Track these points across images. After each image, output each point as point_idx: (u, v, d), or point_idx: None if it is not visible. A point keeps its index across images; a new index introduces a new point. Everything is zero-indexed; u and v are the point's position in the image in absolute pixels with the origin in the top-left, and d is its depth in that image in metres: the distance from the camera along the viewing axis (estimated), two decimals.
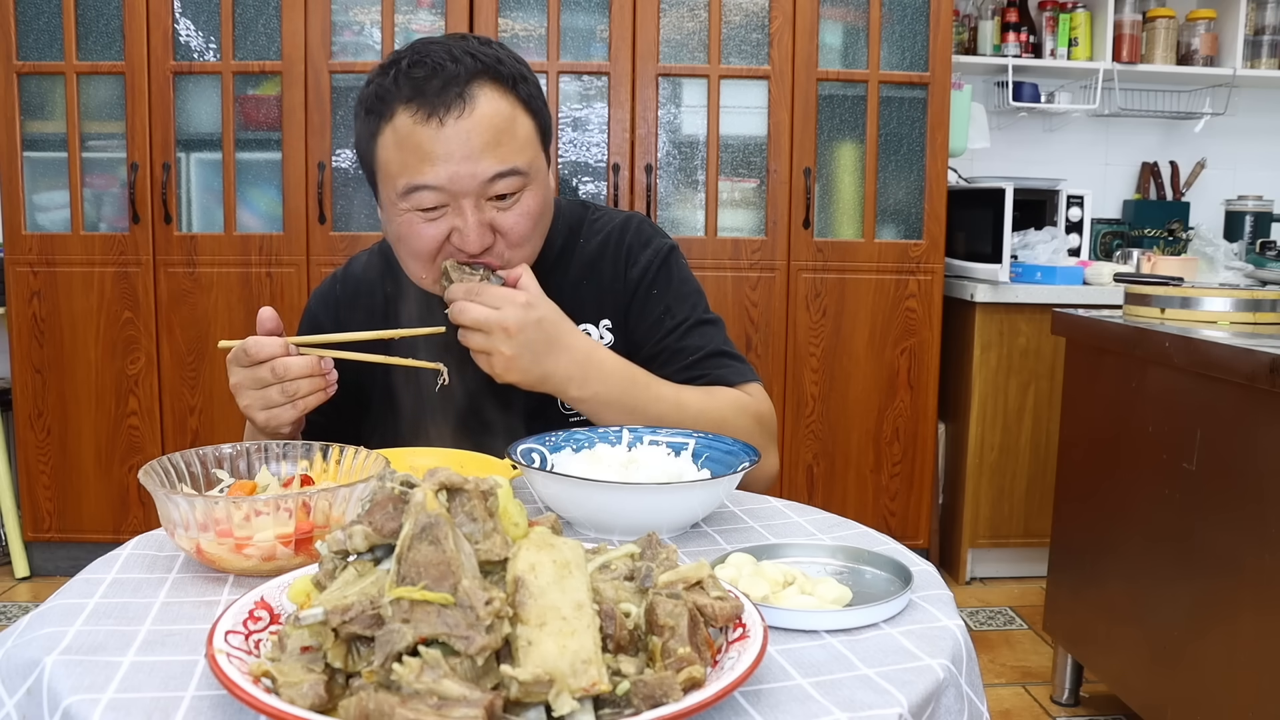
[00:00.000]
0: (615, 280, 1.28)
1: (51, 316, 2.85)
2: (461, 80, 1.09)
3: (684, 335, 1.26)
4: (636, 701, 0.55)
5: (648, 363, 1.27)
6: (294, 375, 1.04)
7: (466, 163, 1.08)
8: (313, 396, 1.06)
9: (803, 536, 0.97)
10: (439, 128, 1.08)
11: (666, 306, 1.27)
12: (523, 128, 1.13)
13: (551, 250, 1.28)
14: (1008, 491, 3.03)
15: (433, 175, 1.08)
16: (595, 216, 1.33)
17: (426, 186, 1.09)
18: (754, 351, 2.91)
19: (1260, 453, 1.63)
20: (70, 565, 2.91)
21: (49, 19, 2.78)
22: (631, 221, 1.32)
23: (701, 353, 1.26)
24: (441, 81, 1.08)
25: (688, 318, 1.27)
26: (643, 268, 1.28)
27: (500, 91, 1.11)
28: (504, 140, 1.10)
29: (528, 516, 0.67)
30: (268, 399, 1.05)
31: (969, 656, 0.75)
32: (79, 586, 0.80)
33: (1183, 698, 1.83)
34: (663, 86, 2.88)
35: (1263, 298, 1.94)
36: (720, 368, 1.25)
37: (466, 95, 1.08)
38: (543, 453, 1.02)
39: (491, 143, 1.09)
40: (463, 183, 1.09)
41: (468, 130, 1.08)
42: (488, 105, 1.10)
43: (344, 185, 2.87)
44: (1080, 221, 3.23)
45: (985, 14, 3.37)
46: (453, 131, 1.08)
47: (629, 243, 1.29)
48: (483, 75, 1.10)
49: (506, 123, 1.11)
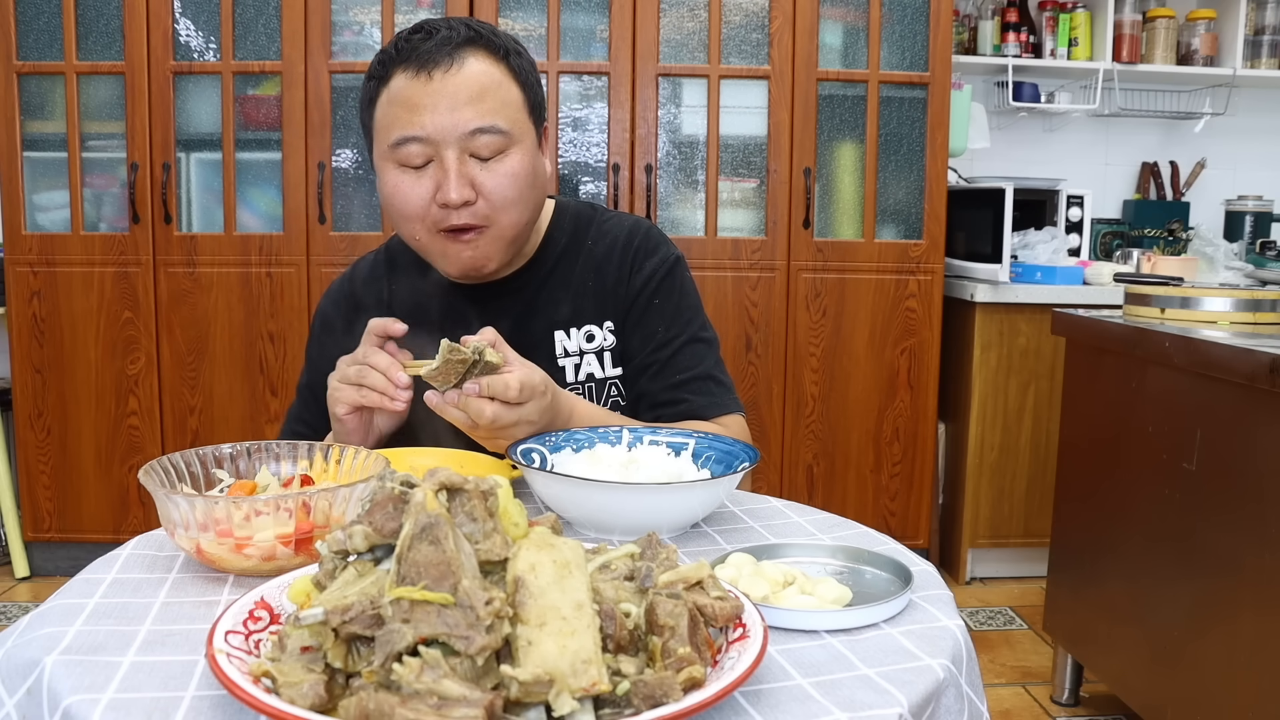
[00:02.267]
0: (619, 284, 1.28)
1: (51, 316, 2.85)
2: (454, 43, 1.14)
3: (676, 352, 1.27)
4: (636, 701, 0.55)
5: (638, 373, 1.27)
6: (372, 364, 1.06)
7: (449, 114, 1.13)
8: (373, 394, 1.06)
9: (803, 536, 0.97)
10: (427, 81, 1.13)
11: (664, 319, 1.28)
12: (509, 93, 1.17)
13: (556, 247, 1.29)
14: (1008, 491, 3.03)
15: (418, 126, 1.13)
16: (604, 219, 1.33)
17: (412, 138, 1.14)
18: (754, 351, 2.92)
19: (1260, 453, 1.63)
20: (70, 565, 2.91)
21: (49, 19, 2.78)
22: (640, 227, 1.32)
23: (689, 374, 1.26)
24: (435, 44, 1.14)
25: (682, 334, 1.28)
26: (647, 275, 1.28)
27: (491, 59, 1.16)
28: (488, 98, 1.15)
29: (528, 516, 0.67)
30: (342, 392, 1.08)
31: (969, 656, 0.75)
32: (79, 586, 0.80)
33: (1183, 698, 1.83)
34: (663, 86, 2.88)
35: (1263, 298, 1.94)
36: (702, 394, 1.26)
37: (457, 56, 1.14)
38: (543, 453, 1.02)
39: (475, 98, 1.14)
40: (444, 132, 1.13)
41: (455, 85, 1.13)
42: (476, 66, 1.15)
43: (344, 185, 2.87)
44: (1080, 221, 3.23)
45: (985, 14, 3.36)
46: (439, 85, 1.13)
47: (636, 247, 1.30)
48: (476, 42, 1.16)
49: (493, 84, 1.15)
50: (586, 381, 1.28)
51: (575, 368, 1.28)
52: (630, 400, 1.29)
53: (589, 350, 1.28)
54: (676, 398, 1.24)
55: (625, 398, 1.29)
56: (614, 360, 1.29)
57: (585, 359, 1.28)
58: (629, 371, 1.29)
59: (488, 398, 0.99)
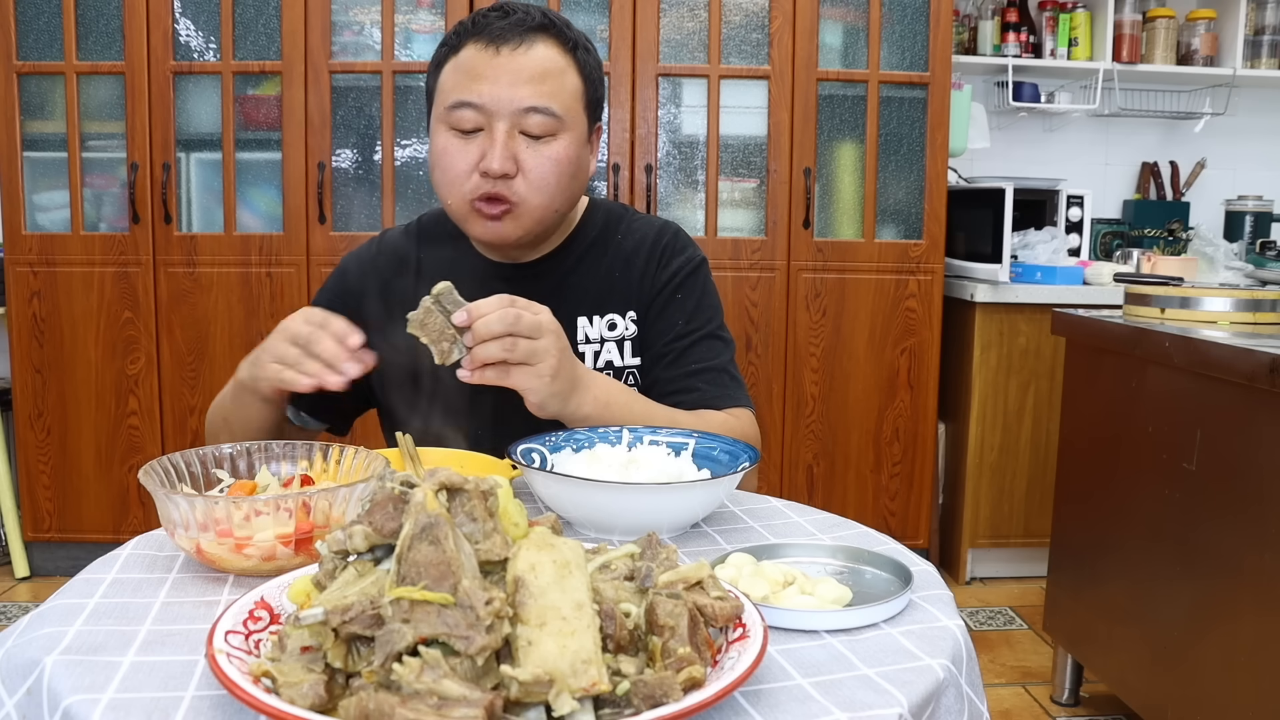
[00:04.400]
0: (645, 277, 1.32)
1: (51, 316, 2.85)
2: (527, 26, 1.19)
3: (693, 343, 1.30)
4: (636, 701, 0.55)
5: (654, 361, 1.30)
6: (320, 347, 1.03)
7: (507, 88, 1.17)
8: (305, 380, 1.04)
9: (803, 536, 0.97)
10: (494, 55, 1.18)
11: (685, 314, 1.31)
12: (570, 81, 1.21)
13: (587, 236, 1.33)
14: (1008, 491, 3.03)
15: (475, 93, 1.17)
16: (634, 218, 1.38)
17: (468, 103, 1.18)
18: (754, 351, 2.92)
19: (1260, 453, 1.63)
20: (70, 565, 2.91)
21: (49, 19, 2.78)
22: (669, 228, 1.36)
23: (703, 365, 1.29)
24: (510, 22, 1.19)
25: (701, 328, 1.31)
26: (673, 271, 1.32)
27: (559, 48, 1.21)
28: (548, 81, 1.19)
29: (528, 516, 0.67)
30: (286, 354, 1.05)
31: (969, 656, 0.75)
32: (79, 586, 0.80)
33: (1183, 698, 1.83)
34: (663, 86, 2.88)
35: (1263, 298, 1.94)
36: (714, 385, 1.28)
37: (527, 38, 1.19)
38: (543, 453, 1.02)
39: (536, 78, 1.18)
40: (499, 104, 1.17)
41: (519, 63, 1.18)
42: (544, 50, 1.20)
43: (344, 185, 2.87)
44: (1080, 221, 3.23)
45: (985, 14, 3.36)
46: (505, 60, 1.18)
47: (665, 245, 1.34)
48: (549, 29, 1.21)
49: (556, 69, 1.20)
50: (605, 369, 1.29)
51: (595, 354, 1.30)
52: (644, 387, 1.30)
53: (610, 338, 1.30)
54: (689, 385, 1.27)
55: (640, 387, 1.30)
56: (633, 350, 1.31)
57: (605, 346, 1.30)
58: (646, 359, 1.31)
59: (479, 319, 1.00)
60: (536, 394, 1.05)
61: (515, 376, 1.03)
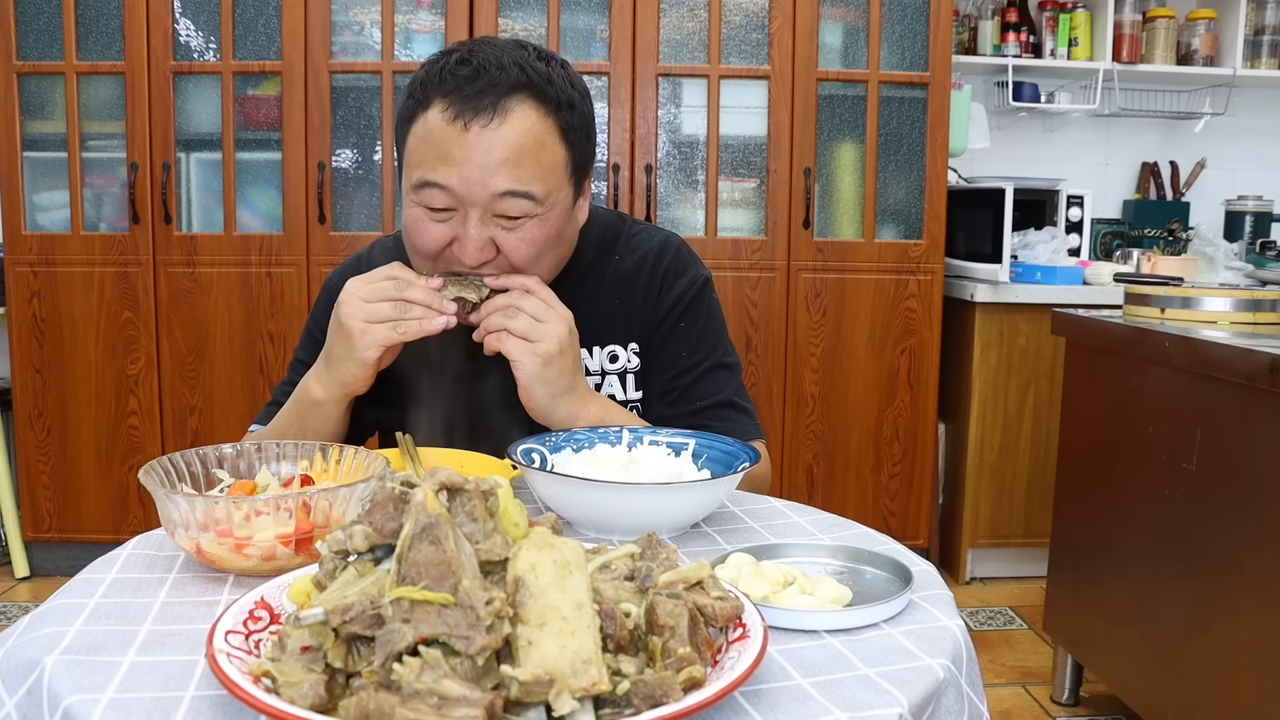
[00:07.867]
0: (646, 304, 1.26)
1: (51, 316, 2.85)
2: (501, 89, 1.05)
3: (698, 379, 1.25)
4: (636, 701, 0.55)
5: (659, 398, 1.25)
6: (412, 293, 1.06)
7: (481, 171, 1.05)
8: (415, 323, 1.06)
9: (803, 536, 0.97)
10: (463, 131, 1.05)
11: (689, 344, 1.25)
12: (551, 154, 1.09)
13: (582, 262, 1.25)
14: (1008, 491, 3.03)
15: (444, 175, 1.06)
16: (633, 232, 1.30)
17: (436, 185, 1.07)
18: (754, 351, 2.92)
19: (1260, 453, 1.63)
20: (70, 565, 2.91)
21: (49, 19, 2.78)
22: (670, 244, 1.29)
23: (710, 400, 1.24)
24: (480, 86, 1.05)
25: (705, 360, 1.25)
26: (675, 297, 1.25)
27: (539, 112, 1.07)
28: (525, 161, 1.06)
29: (528, 516, 0.67)
30: (378, 312, 1.06)
31: (969, 656, 0.75)
32: (79, 586, 0.80)
33: (1183, 698, 1.83)
34: (663, 86, 2.88)
35: (1263, 298, 1.94)
36: (722, 420, 1.23)
37: (501, 106, 1.05)
38: (543, 453, 1.02)
39: (512, 160, 1.06)
40: (472, 191, 1.06)
41: (491, 141, 1.05)
42: (520, 122, 1.06)
43: (344, 185, 2.87)
44: (1080, 221, 3.23)
45: (985, 14, 3.36)
46: (475, 139, 1.05)
47: (666, 267, 1.26)
48: (525, 90, 1.07)
49: (534, 144, 1.07)
50: None
51: (596, 388, 1.24)
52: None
53: (611, 371, 1.26)
54: (695, 424, 1.21)
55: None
56: (636, 383, 1.26)
57: (607, 379, 1.25)
58: (648, 395, 1.26)
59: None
60: (525, 371, 1.07)
61: (509, 343, 1.07)
